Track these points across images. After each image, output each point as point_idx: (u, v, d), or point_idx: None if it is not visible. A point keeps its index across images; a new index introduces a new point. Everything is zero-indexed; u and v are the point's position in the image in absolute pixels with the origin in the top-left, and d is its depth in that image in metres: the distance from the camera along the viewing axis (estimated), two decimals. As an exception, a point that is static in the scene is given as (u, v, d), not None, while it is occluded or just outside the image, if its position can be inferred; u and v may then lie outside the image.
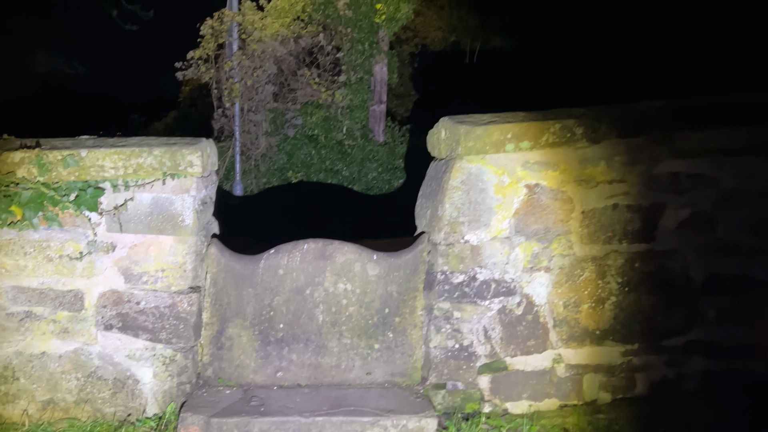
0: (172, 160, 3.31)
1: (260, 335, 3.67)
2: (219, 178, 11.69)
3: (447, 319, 3.61)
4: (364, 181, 11.98)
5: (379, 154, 12.11)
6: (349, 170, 11.88)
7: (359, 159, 11.94)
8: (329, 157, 11.84)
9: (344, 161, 11.85)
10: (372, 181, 12.06)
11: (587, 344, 3.69)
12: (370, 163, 12.05)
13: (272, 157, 11.98)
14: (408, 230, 4.06)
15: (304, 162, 11.78)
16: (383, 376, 3.72)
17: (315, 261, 3.69)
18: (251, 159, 12.07)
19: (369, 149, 12.06)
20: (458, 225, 3.58)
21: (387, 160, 12.16)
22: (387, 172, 12.12)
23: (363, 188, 11.89)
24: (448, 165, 3.65)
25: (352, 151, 11.98)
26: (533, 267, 3.65)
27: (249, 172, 11.86)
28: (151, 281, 3.43)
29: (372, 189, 12.00)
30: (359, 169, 11.94)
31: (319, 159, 11.84)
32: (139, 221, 3.38)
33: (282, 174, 11.79)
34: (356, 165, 11.91)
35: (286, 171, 11.80)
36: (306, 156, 11.77)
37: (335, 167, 11.82)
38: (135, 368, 3.46)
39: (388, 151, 12.22)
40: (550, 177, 3.62)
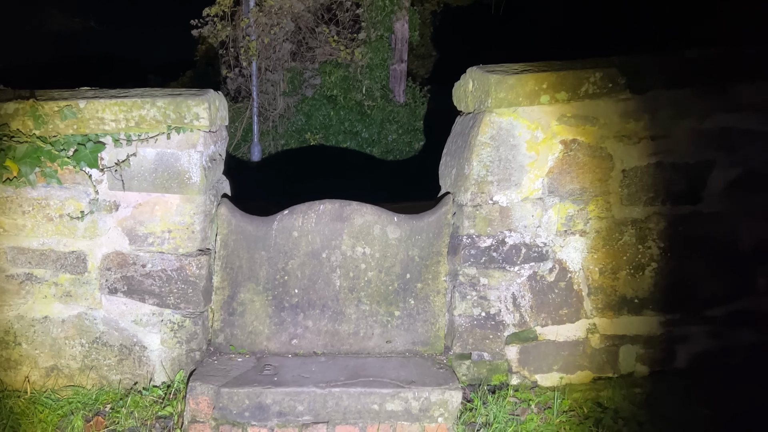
0: (177, 112, 3.06)
1: (274, 301, 3.46)
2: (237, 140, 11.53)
3: (473, 285, 3.36)
4: (384, 144, 11.68)
5: (399, 116, 11.77)
6: (368, 132, 11.59)
7: (379, 120, 11.62)
8: (348, 119, 11.54)
9: (363, 122, 11.55)
10: (392, 144, 11.76)
11: (624, 313, 3.42)
12: (389, 124, 11.73)
13: (290, 119, 11.71)
14: (429, 195, 3.79)
15: (322, 123, 11.51)
16: (404, 345, 3.50)
17: (332, 223, 3.44)
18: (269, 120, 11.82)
19: (389, 110, 11.73)
20: (486, 185, 3.30)
21: (407, 122, 11.83)
22: (407, 134, 11.79)
23: (382, 151, 11.60)
24: (476, 119, 3.36)
25: (372, 112, 11.66)
26: (567, 230, 3.37)
27: (267, 133, 11.62)
28: (158, 243, 3.21)
29: (392, 152, 11.71)
30: (379, 131, 11.63)
31: (338, 120, 11.56)
32: (143, 178, 3.15)
33: (300, 136, 11.54)
34: (376, 126, 11.61)
35: (304, 133, 11.54)
36: (324, 117, 11.48)
37: (354, 129, 11.54)
38: (142, 334, 3.27)
39: (408, 113, 11.88)
40: (589, 132, 3.31)
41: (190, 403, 3.03)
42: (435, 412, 3.06)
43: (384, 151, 11.60)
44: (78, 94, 3.15)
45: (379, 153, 11.55)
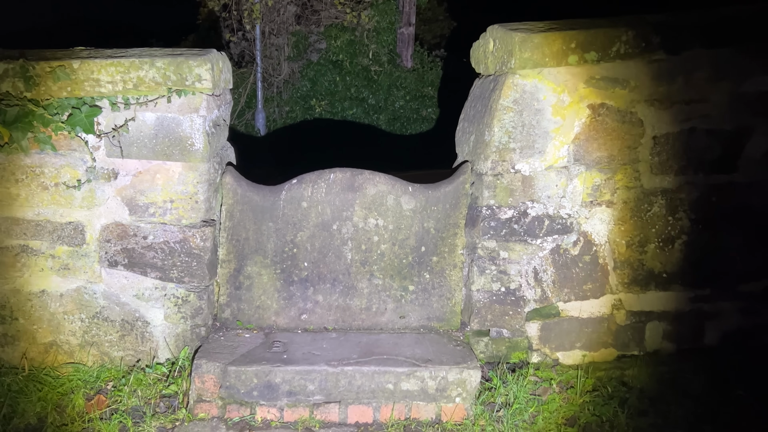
0: (178, 74, 2.85)
1: (282, 274, 3.29)
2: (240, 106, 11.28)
3: (492, 259, 3.17)
4: (391, 110, 11.41)
5: (406, 81, 11.48)
6: (375, 98, 11.32)
7: (386, 86, 11.34)
8: (354, 84, 11.26)
9: (370, 88, 11.27)
10: (399, 110, 11.49)
11: (652, 289, 3.24)
12: (397, 90, 11.44)
13: (295, 84, 11.44)
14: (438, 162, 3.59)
15: (328, 89, 11.23)
16: (418, 321, 3.34)
17: (343, 193, 3.25)
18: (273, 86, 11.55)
19: (396, 75, 11.43)
20: (508, 152, 3.10)
21: (415, 88, 11.53)
22: (415, 101, 11.51)
23: (389, 118, 11.34)
24: (497, 82, 3.13)
25: (379, 78, 11.38)
26: (593, 201, 3.17)
27: (271, 100, 11.36)
28: (159, 213, 3.03)
29: (399, 119, 11.45)
30: (386, 97, 11.36)
31: (344, 86, 11.28)
32: (142, 145, 2.95)
33: (305, 102, 11.28)
34: (382, 92, 11.33)
35: (309, 99, 11.28)
36: (330, 83, 11.20)
37: (360, 95, 11.26)
38: (144, 309, 3.11)
39: (416, 78, 11.57)
40: (618, 96, 3.09)
41: (196, 382, 2.88)
42: (453, 392, 2.91)
43: (391, 118, 11.34)
44: (72, 54, 2.94)
45: (386, 120, 11.29)
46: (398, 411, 2.91)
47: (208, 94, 2.96)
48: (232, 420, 2.86)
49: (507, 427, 2.83)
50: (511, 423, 2.85)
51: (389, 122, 11.35)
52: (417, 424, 2.89)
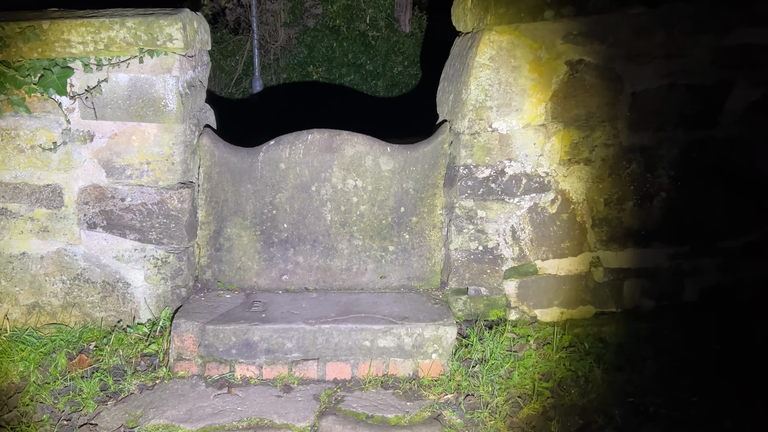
0: (149, 33, 2.82)
1: (262, 236, 3.30)
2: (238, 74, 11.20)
3: (470, 218, 3.18)
4: (389, 76, 11.31)
5: (405, 46, 11.35)
6: (372, 64, 11.21)
7: (384, 51, 11.22)
8: (352, 50, 11.14)
9: (368, 54, 11.16)
10: (397, 76, 11.39)
11: (630, 246, 3.24)
12: (395, 56, 11.32)
13: (292, 51, 11.34)
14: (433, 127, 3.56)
15: (325, 55, 11.13)
16: (399, 281, 3.36)
17: (321, 154, 3.25)
18: (270, 53, 11.46)
19: (394, 41, 11.31)
20: (485, 110, 3.07)
21: (414, 53, 11.40)
22: (414, 66, 11.40)
23: (387, 84, 11.24)
24: (474, 39, 3.10)
25: (376, 43, 11.25)
26: (571, 159, 3.16)
27: (268, 67, 11.27)
28: (136, 175, 3.04)
29: (397, 85, 11.35)
30: (384, 63, 11.24)
31: (341, 52, 11.17)
32: (116, 106, 2.95)
33: (302, 69, 11.19)
34: (380, 58, 11.21)
35: (306, 65, 11.19)
36: (327, 49, 11.09)
37: (358, 61, 11.16)
38: (124, 271, 3.14)
39: (414, 43, 11.44)
40: (597, 51, 3.05)
41: (175, 341, 2.92)
42: (429, 348, 2.94)
43: (389, 84, 11.24)
44: (42, 15, 2.92)
45: (384, 86, 11.20)
46: (376, 367, 2.94)
47: (181, 55, 2.94)
48: (211, 378, 2.90)
49: (482, 382, 2.86)
50: (486, 378, 2.88)
51: (388, 88, 11.25)
52: (394, 380, 2.93)
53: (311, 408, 2.72)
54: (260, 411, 2.69)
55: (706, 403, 2.72)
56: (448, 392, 2.83)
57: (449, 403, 2.77)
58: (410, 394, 2.84)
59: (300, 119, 10.37)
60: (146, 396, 2.78)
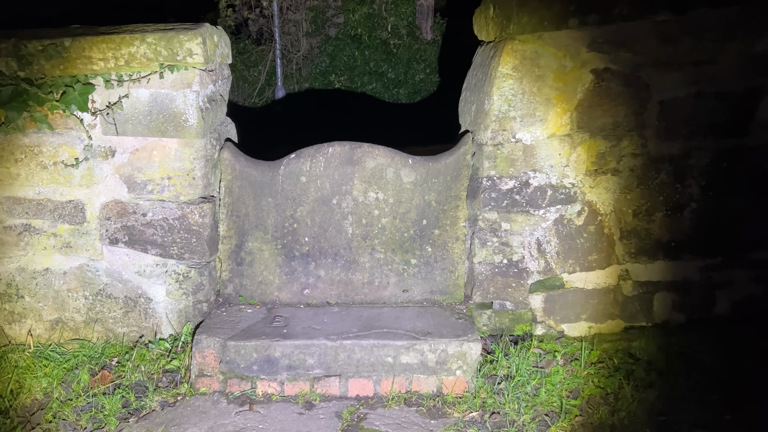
0: (169, 49, 2.82)
1: (283, 249, 3.28)
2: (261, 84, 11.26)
3: (494, 231, 3.12)
4: (411, 84, 11.28)
5: (426, 54, 11.31)
6: (394, 72, 11.19)
7: (405, 59, 11.19)
8: (373, 58, 11.14)
9: (389, 62, 11.14)
10: (419, 84, 11.35)
11: (660, 258, 3.16)
12: (417, 63, 11.28)
13: (314, 60, 11.37)
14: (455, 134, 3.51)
15: (347, 64, 11.14)
16: (421, 294, 3.31)
17: (341, 167, 3.21)
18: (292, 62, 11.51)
19: (416, 48, 11.27)
20: (508, 121, 3.02)
21: (435, 60, 11.37)
22: (436, 73, 11.35)
23: (409, 92, 11.21)
24: (497, 48, 3.04)
25: (398, 51, 11.24)
26: (598, 170, 3.08)
27: (290, 76, 11.32)
28: (157, 190, 3.04)
29: (419, 92, 11.32)
30: (405, 71, 11.21)
31: (363, 61, 11.17)
32: (137, 122, 2.95)
33: (324, 78, 11.21)
34: (402, 66, 11.19)
35: (328, 74, 11.21)
36: (349, 58, 11.10)
37: (380, 69, 11.14)
38: (146, 286, 3.13)
39: (436, 50, 11.40)
40: (623, 59, 2.98)
41: (197, 357, 2.90)
42: (453, 364, 2.88)
43: (411, 92, 11.21)
44: (65, 32, 2.93)
45: (406, 94, 11.17)
46: (399, 384, 2.89)
47: (201, 69, 2.94)
48: (233, 394, 2.88)
49: (508, 399, 2.80)
50: (512, 395, 2.82)
51: (409, 96, 11.22)
52: (418, 397, 2.88)
53: (333, 426, 2.68)
54: (282, 429, 2.66)
55: (741, 421, 2.62)
56: (473, 410, 2.77)
57: (474, 421, 2.71)
58: (434, 411, 2.78)
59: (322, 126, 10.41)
60: (168, 413, 2.76)
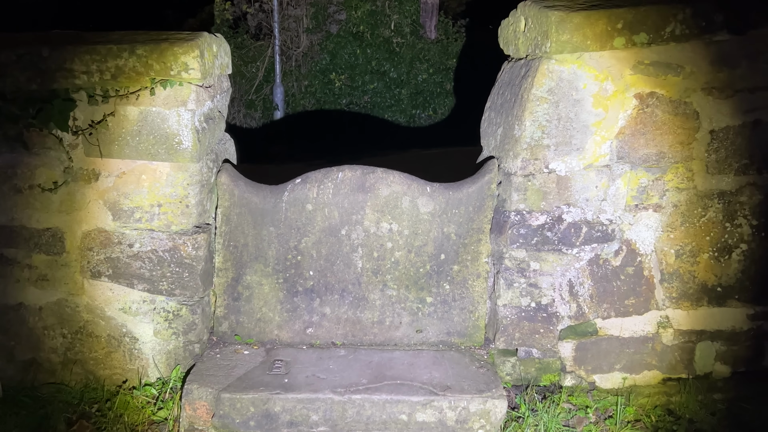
0: (161, 62, 2.48)
1: (285, 284, 2.95)
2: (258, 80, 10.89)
3: (521, 271, 2.80)
4: (414, 84, 10.95)
5: (430, 53, 10.99)
6: (396, 71, 10.86)
7: (408, 59, 10.86)
8: (375, 57, 10.79)
9: (392, 61, 10.81)
10: (422, 84, 11.03)
11: (704, 304, 2.84)
12: (420, 63, 10.95)
13: (314, 58, 11.02)
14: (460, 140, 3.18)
15: (348, 63, 10.79)
16: (437, 336, 2.99)
17: (352, 194, 2.88)
18: (292, 59, 11.15)
19: (419, 47, 10.94)
20: (541, 149, 2.69)
21: (439, 60, 11.03)
22: (439, 74, 11.02)
23: (412, 92, 10.89)
24: (529, 67, 2.72)
25: (401, 50, 10.90)
26: (639, 205, 2.77)
27: (289, 73, 10.96)
28: (146, 219, 2.70)
29: (422, 93, 10.99)
30: (408, 71, 10.89)
31: (365, 59, 10.83)
32: (124, 143, 2.61)
33: (324, 76, 10.86)
34: (405, 65, 10.86)
35: (328, 73, 10.86)
36: (350, 56, 10.75)
37: (382, 68, 10.81)
38: (132, 324, 2.80)
39: (440, 50, 11.06)
40: (671, 83, 2.66)
41: (187, 409, 2.58)
42: (475, 423, 2.56)
43: (413, 93, 10.88)
44: (43, 38, 2.59)
45: (408, 94, 10.83)
46: (413, 444, 2.58)
47: (198, 85, 2.60)
48: (227, 452, 2.56)
49: (536, 465, 2.49)
50: (541, 460, 2.51)
51: (412, 96, 10.90)
52: (434, 458, 2.56)
53: (341, 497, 2.36)
54: (282, 500, 2.34)
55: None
56: (498, 478, 2.45)
57: (500, 494, 2.39)
58: (454, 479, 2.47)
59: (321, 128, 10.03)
60: (153, 476, 2.44)
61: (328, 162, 8.33)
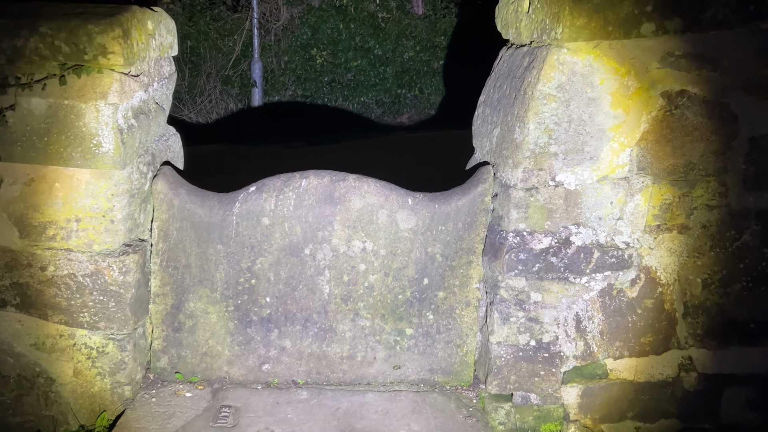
0: (72, 43, 1.95)
1: (236, 312, 2.46)
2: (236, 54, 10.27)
3: (520, 303, 2.33)
4: (399, 62, 10.42)
5: (417, 30, 10.45)
6: (381, 48, 10.33)
7: (394, 35, 10.32)
8: (359, 33, 10.23)
9: (376, 38, 10.27)
10: (408, 62, 10.51)
11: (734, 344, 2.40)
12: (406, 40, 10.42)
13: (294, 32, 10.43)
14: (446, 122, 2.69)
15: (330, 38, 10.24)
16: (417, 373, 2.53)
17: (318, 206, 2.39)
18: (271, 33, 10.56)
19: (406, 23, 10.40)
20: (547, 158, 2.21)
21: (426, 37, 10.50)
22: (426, 51, 10.50)
23: (397, 70, 10.35)
24: (535, 57, 2.22)
25: (386, 26, 10.35)
26: (661, 225, 2.30)
27: (268, 48, 10.38)
28: (62, 236, 2.19)
29: (408, 71, 10.47)
30: (393, 48, 10.35)
31: (348, 35, 10.27)
32: (30, 144, 2.09)
33: (305, 52, 10.30)
34: (390, 42, 10.32)
35: (309, 48, 10.30)
36: (333, 31, 10.18)
37: (366, 44, 10.26)
38: (46, 363, 2.31)
39: (428, 26, 10.51)
40: (705, 80, 2.18)
41: (109, 473, 2.10)
42: (461, 491, 2.12)
43: (399, 71, 10.36)
44: (-77, 10, 2.04)
45: (394, 73, 10.30)
46: None
47: (123, 73, 2.07)
48: None
49: None
50: None
51: (397, 75, 10.38)
52: None
53: None
54: None
55: None
56: None
57: None
58: None
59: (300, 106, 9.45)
60: None
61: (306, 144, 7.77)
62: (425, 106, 10.46)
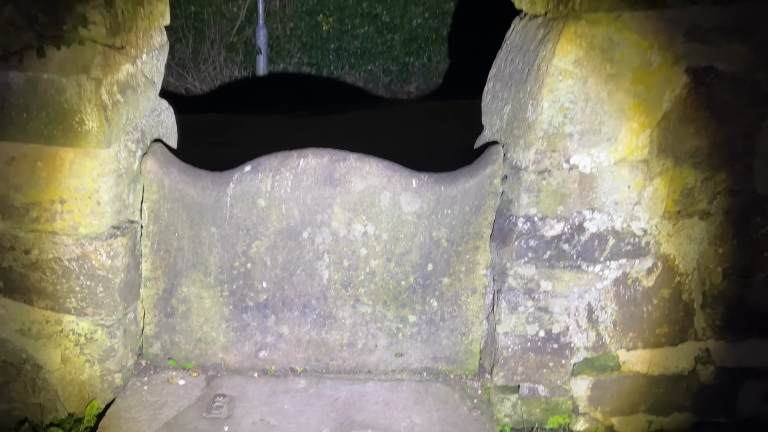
0: (49, 12, 1.81)
1: (232, 297, 2.35)
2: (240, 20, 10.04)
3: (529, 292, 2.21)
4: (407, 29, 10.16)
5: (426, -5, 10.16)
6: (389, 15, 10.07)
7: (402, 1, 10.03)
8: (367, -2, 9.97)
9: (384, 3, 10.00)
10: (416, 30, 10.23)
11: (754, 336, 2.28)
12: (414, 6, 10.13)
13: (300, -3, 10.17)
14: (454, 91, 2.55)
15: (337, 4, 9.98)
16: (420, 361, 2.42)
17: (317, 187, 2.26)
18: (275, -1, 10.30)
19: (415, -12, 10.11)
20: (561, 139, 2.06)
21: (435, 3, 10.20)
22: (435, 18, 10.22)
23: (405, 38, 10.10)
24: (550, 29, 2.06)
25: (394, -10, 10.06)
26: (681, 211, 2.16)
27: (273, 14, 10.13)
28: (46, 218, 2.08)
29: (416, 39, 10.20)
30: (401, 14, 10.07)
31: (355, 0, 9.99)
32: (7, 121, 1.96)
33: (311, 18, 10.06)
34: (398, 8, 10.04)
35: (315, 14, 10.05)
36: (339, -5, 9.92)
37: (374, 11, 10.00)
38: (33, 349, 2.21)
39: (438, -8, 10.22)
40: (735, 55, 2.02)
41: (98, 466, 2.02)
42: (464, 488, 2.03)
43: (407, 39, 10.10)
44: None
45: (401, 40, 10.05)
46: None
47: (106, 45, 1.93)
48: None
49: None
50: None
51: (405, 43, 10.12)
52: None
53: None
54: None
55: None
56: None
57: None
58: None
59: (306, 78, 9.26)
60: None
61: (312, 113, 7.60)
62: (433, 74, 10.23)
